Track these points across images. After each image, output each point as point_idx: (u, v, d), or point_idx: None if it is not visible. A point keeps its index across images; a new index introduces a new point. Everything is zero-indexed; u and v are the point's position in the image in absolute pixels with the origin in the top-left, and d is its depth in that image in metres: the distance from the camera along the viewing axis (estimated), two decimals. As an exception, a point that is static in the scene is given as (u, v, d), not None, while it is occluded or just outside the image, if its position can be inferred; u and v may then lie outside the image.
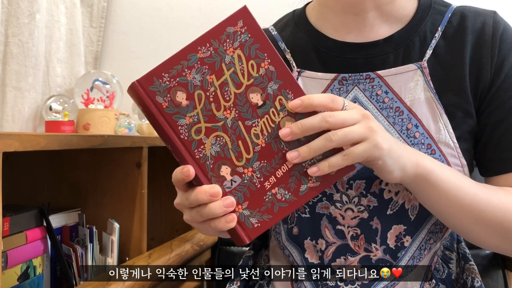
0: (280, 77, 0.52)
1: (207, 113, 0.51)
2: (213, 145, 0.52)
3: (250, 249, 0.82)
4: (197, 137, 0.51)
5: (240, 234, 0.52)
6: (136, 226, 1.07)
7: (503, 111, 0.65)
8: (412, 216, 0.65)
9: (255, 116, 0.52)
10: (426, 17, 0.69)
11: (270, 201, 0.52)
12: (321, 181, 0.53)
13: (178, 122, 0.51)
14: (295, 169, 0.52)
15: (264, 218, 0.52)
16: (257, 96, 0.52)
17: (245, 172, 0.52)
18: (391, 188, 0.64)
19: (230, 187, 0.52)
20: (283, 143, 0.52)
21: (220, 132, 0.52)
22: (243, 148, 0.52)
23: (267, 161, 0.52)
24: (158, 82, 0.51)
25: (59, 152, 1.11)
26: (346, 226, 0.66)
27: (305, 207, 0.68)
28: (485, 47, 0.65)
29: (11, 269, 0.86)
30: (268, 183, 0.52)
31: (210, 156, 0.52)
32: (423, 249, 0.67)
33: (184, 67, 0.51)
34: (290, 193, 0.52)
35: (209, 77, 0.51)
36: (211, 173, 0.52)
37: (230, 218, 0.51)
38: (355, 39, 0.69)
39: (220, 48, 0.52)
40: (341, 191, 0.65)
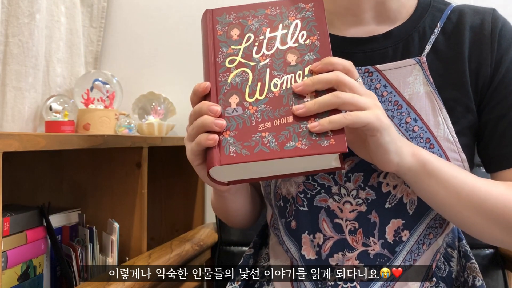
0: (320, 52, 0.58)
1: (247, 52, 0.59)
2: (237, 76, 0.58)
3: (251, 248, 0.82)
4: (229, 65, 0.58)
5: (214, 155, 0.54)
6: (136, 226, 1.07)
7: (504, 106, 0.65)
8: (410, 210, 0.66)
9: (283, 70, 0.58)
10: (425, 14, 0.69)
11: (255, 141, 0.54)
12: (309, 147, 0.54)
13: (221, 49, 0.59)
14: (292, 126, 0.55)
15: (242, 152, 0.54)
16: (293, 57, 0.58)
17: (249, 108, 0.56)
18: (389, 181, 0.64)
19: (230, 114, 0.56)
20: (293, 101, 0.56)
21: (248, 69, 0.58)
22: (259, 88, 0.57)
23: (273, 108, 0.56)
24: (225, 15, 0.60)
25: (59, 152, 1.11)
26: (344, 220, 0.66)
27: (304, 200, 0.68)
28: (484, 43, 0.66)
29: (11, 269, 0.86)
30: (263, 126, 0.55)
31: (229, 84, 0.57)
32: (422, 243, 0.68)
33: (251, 15, 0.60)
34: (276, 142, 0.54)
35: (265, 28, 0.60)
36: (222, 96, 0.57)
37: (212, 136, 0.54)
38: (354, 34, 0.70)
39: (285, 13, 0.60)
40: (340, 184, 0.66)
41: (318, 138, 0.54)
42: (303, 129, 0.54)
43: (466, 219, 0.62)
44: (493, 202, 0.60)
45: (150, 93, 1.40)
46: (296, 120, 0.54)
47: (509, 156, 0.65)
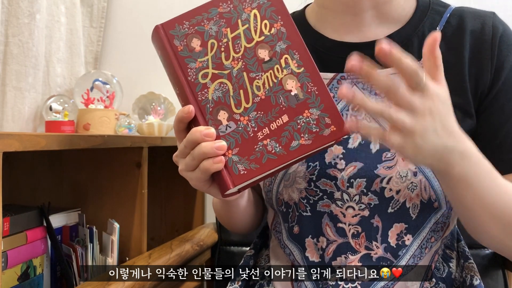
0: (289, 38, 0.56)
1: (216, 60, 0.55)
2: (216, 90, 0.55)
3: (251, 249, 0.82)
4: (203, 81, 0.55)
5: (225, 178, 0.53)
6: (136, 226, 1.07)
7: (502, 114, 0.65)
8: (413, 214, 0.65)
9: (259, 70, 0.55)
10: (424, 18, 0.69)
11: (260, 151, 0.53)
12: (313, 140, 0.54)
13: (189, 65, 0.55)
14: (290, 124, 0.54)
15: (252, 167, 0.53)
16: (265, 52, 0.55)
17: (241, 119, 0.54)
18: (392, 186, 0.64)
19: (225, 131, 0.54)
20: (282, 98, 0.55)
21: (224, 80, 0.55)
22: (243, 97, 0.55)
23: (264, 112, 0.54)
24: (178, 28, 0.55)
25: (59, 152, 1.11)
26: (347, 224, 0.66)
27: (306, 205, 0.68)
28: (484, 48, 0.65)
29: (11, 269, 0.86)
30: (261, 133, 0.54)
31: (211, 100, 0.54)
32: (424, 247, 0.68)
33: (204, 18, 0.56)
34: (280, 147, 0.54)
35: (225, 29, 0.56)
36: (209, 116, 0.54)
37: (218, 159, 0.52)
38: (354, 39, 0.70)
39: (239, 6, 0.56)
40: (342, 190, 0.65)
41: (319, 129, 0.54)
42: (302, 124, 0.54)
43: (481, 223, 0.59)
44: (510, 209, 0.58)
45: (150, 93, 1.40)
46: (292, 117, 0.54)
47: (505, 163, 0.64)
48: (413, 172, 0.63)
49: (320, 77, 0.55)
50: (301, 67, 0.55)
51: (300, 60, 0.55)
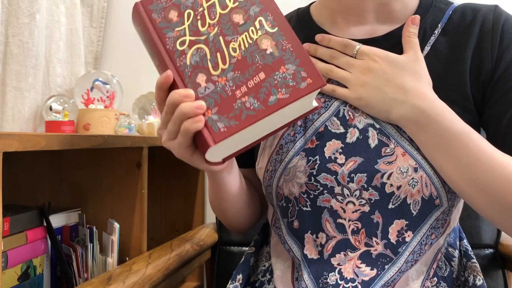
0: (262, 2, 0.58)
1: (193, 28, 0.57)
2: (194, 55, 0.56)
3: (252, 246, 0.82)
4: (181, 48, 0.57)
5: (205, 136, 0.54)
6: (136, 226, 1.07)
7: (505, 101, 0.65)
8: (414, 211, 0.66)
9: (235, 33, 0.57)
10: (426, 15, 0.70)
11: (239, 108, 0.54)
12: (290, 93, 0.55)
13: (167, 35, 0.57)
14: (267, 80, 0.55)
15: (231, 124, 0.54)
16: (239, 16, 0.58)
17: (219, 80, 0.56)
18: (393, 182, 0.64)
19: (203, 93, 0.55)
20: (257, 57, 0.56)
21: (201, 45, 0.57)
22: (220, 59, 0.56)
23: (241, 72, 0.56)
24: (156, 2, 0.58)
25: (59, 152, 1.11)
26: (347, 220, 0.66)
27: (306, 200, 0.68)
28: (486, 40, 0.66)
29: (11, 269, 0.86)
30: (239, 92, 0.55)
31: (190, 65, 0.56)
32: (424, 244, 0.68)
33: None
34: (259, 102, 0.55)
35: None
36: (188, 80, 0.56)
37: (198, 118, 0.53)
38: (356, 35, 0.70)
39: None
40: (342, 184, 0.65)
41: (296, 82, 0.55)
42: (278, 80, 0.55)
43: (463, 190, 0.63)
44: (493, 179, 0.60)
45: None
46: (269, 74, 0.56)
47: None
48: (413, 168, 0.63)
49: (294, 34, 0.57)
50: (275, 27, 0.57)
51: (273, 20, 0.58)
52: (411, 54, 0.65)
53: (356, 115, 0.66)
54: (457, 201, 0.70)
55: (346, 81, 0.66)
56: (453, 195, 0.67)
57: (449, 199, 0.66)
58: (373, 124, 0.65)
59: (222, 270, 1.12)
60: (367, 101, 0.65)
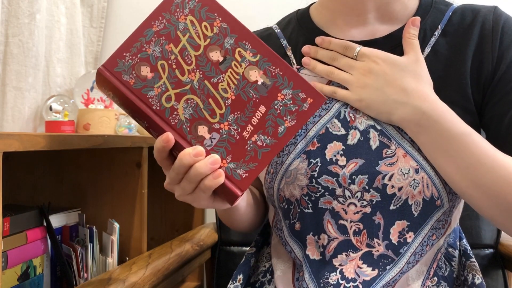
0: (234, 31, 0.55)
1: (173, 80, 0.53)
2: (186, 108, 0.53)
3: (252, 247, 0.82)
4: (169, 104, 0.53)
5: (231, 188, 0.52)
6: (136, 226, 1.07)
7: (506, 102, 0.65)
8: (415, 212, 0.65)
9: (219, 73, 0.54)
10: (426, 16, 0.69)
11: (253, 149, 0.53)
12: (297, 119, 0.54)
13: (148, 95, 0.53)
14: (269, 113, 0.54)
15: (251, 167, 0.53)
16: (217, 54, 0.54)
17: (221, 127, 0.54)
18: (394, 183, 0.64)
19: (211, 144, 0.53)
20: (251, 92, 0.54)
21: (189, 95, 0.54)
22: (214, 105, 0.54)
23: (240, 111, 0.54)
24: (121, 62, 0.53)
25: (59, 152, 1.11)
26: (348, 221, 0.66)
27: (308, 202, 0.68)
28: (486, 41, 0.66)
29: (11, 269, 0.86)
30: (246, 132, 0.54)
31: (185, 120, 0.53)
32: (425, 245, 0.68)
33: (143, 43, 0.54)
34: (270, 137, 0.54)
35: (168, 46, 0.54)
36: (190, 136, 0.53)
37: (217, 173, 0.52)
38: (356, 37, 0.70)
39: (172, 18, 0.54)
40: (344, 186, 0.65)
41: (297, 106, 0.55)
42: (280, 109, 0.54)
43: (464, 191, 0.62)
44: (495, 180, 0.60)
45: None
46: (269, 105, 0.54)
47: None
48: (414, 169, 0.63)
49: (278, 56, 0.55)
50: (257, 54, 0.55)
51: (253, 48, 0.55)
52: (411, 55, 0.65)
53: (357, 116, 0.66)
54: (458, 201, 0.70)
55: (347, 82, 0.66)
56: (454, 196, 0.67)
57: (450, 200, 0.66)
58: (374, 125, 0.65)
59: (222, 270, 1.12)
60: (368, 102, 0.65)
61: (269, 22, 0.82)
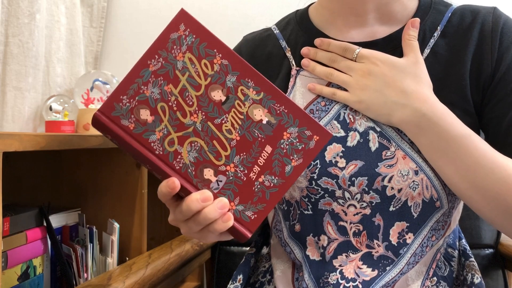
0: (235, 68, 0.53)
1: (174, 122, 0.51)
2: (190, 152, 0.52)
3: (252, 247, 0.82)
4: (172, 148, 0.51)
5: (240, 230, 0.52)
6: (136, 226, 1.07)
7: (505, 104, 0.64)
8: (415, 213, 0.66)
9: (222, 113, 0.52)
10: (425, 17, 0.69)
11: (260, 190, 0.53)
12: (303, 157, 0.54)
13: (150, 139, 0.51)
14: (275, 152, 0.53)
15: (259, 208, 0.52)
16: (219, 93, 0.52)
17: (228, 169, 0.52)
18: (394, 185, 0.64)
19: (218, 187, 0.52)
20: (256, 131, 0.53)
21: (192, 138, 0.52)
22: (219, 147, 0.52)
23: (246, 152, 0.53)
24: (118, 106, 0.51)
25: (59, 152, 1.11)
26: (348, 222, 0.66)
27: (308, 204, 0.68)
28: (485, 42, 0.65)
29: (11, 269, 0.86)
30: (253, 173, 0.53)
31: (190, 164, 0.52)
32: (425, 246, 0.68)
33: (140, 85, 0.51)
34: (277, 177, 0.53)
35: (167, 87, 0.51)
36: (196, 180, 0.52)
37: (226, 217, 0.51)
38: (355, 38, 0.70)
39: (170, 56, 0.52)
40: (343, 188, 0.65)
41: (304, 144, 0.53)
42: (287, 148, 0.53)
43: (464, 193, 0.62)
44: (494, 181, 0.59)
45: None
46: (274, 145, 0.53)
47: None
48: (414, 171, 0.63)
49: (283, 93, 0.54)
50: (260, 92, 0.53)
51: (256, 85, 0.53)
52: (411, 57, 0.64)
53: (356, 118, 0.66)
54: (457, 202, 0.70)
55: (347, 84, 0.66)
56: (453, 197, 0.67)
57: (449, 201, 0.66)
58: (374, 127, 0.65)
59: (222, 270, 1.12)
60: (368, 104, 0.64)
61: (269, 22, 0.81)
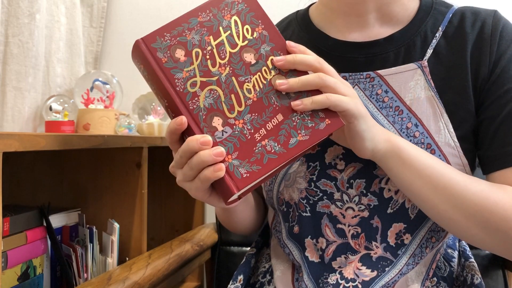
0: (272, 40, 0.56)
1: (203, 68, 0.54)
2: (207, 97, 0.54)
3: (253, 247, 0.82)
4: (192, 89, 0.54)
5: (228, 184, 0.52)
6: (136, 226, 1.07)
7: (497, 106, 0.64)
8: (412, 214, 0.66)
9: (248, 73, 0.55)
10: (427, 18, 0.69)
11: (260, 152, 0.53)
12: (310, 135, 0.54)
13: (175, 76, 0.54)
14: (285, 122, 0.54)
15: (253, 169, 0.52)
16: (251, 56, 0.56)
17: (236, 123, 0.54)
18: (391, 187, 0.64)
19: (221, 137, 0.53)
20: (273, 98, 0.55)
21: (214, 86, 0.54)
22: (235, 101, 0.54)
23: (258, 114, 0.54)
24: (160, 40, 0.54)
25: (59, 152, 1.11)
26: (346, 225, 0.66)
27: (306, 206, 0.68)
28: (484, 45, 0.66)
29: (11, 269, 0.86)
30: (259, 134, 0.54)
31: (204, 108, 0.54)
32: (425, 247, 0.68)
33: (185, 29, 0.55)
34: (279, 145, 0.53)
35: (207, 37, 0.55)
36: (203, 124, 0.53)
37: (218, 167, 0.51)
38: (357, 39, 0.70)
39: (219, 14, 0.56)
40: (342, 190, 0.65)
41: (314, 123, 0.54)
42: (297, 121, 0.54)
43: (443, 213, 0.60)
44: (471, 198, 0.59)
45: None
46: (287, 115, 0.54)
47: (500, 157, 0.63)
48: None
49: (308, 73, 0.56)
50: None
51: None
52: None
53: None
54: None
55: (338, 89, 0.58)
56: None
57: None
58: None
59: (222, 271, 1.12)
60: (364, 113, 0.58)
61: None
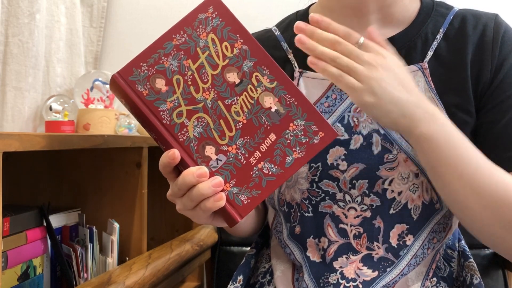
0: (254, 55, 0.54)
1: (186, 96, 0.53)
2: (196, 126, 0.53)
3: (252, 248, 0.82)
4: (179, 120, 0.53)
5: (231, 213, 0.52)
6: (136, 226, 1.06)
7: (499, 111, 0.64)
8: (414, 215, 0.66)
9: (233, 95, 0.53)
10: (428, 20, 0.69)
11: (258, 176, 0.52)
12: (306, 151, 0.53)
13: (160, 108, 0.52)
14: (279, 141, 0.53)
15: (253, 194, 0.52)
16: (234, 75, 0.54)
17: (229, 150, 0.53)
18: (394, 188, 0.64)
19: (216, 166, 0.52)
20: (264, 118, 0.53)
21: (201, 114, 0.53)
22: (225, 126, 0.53)
23: (250, 136, 0.53)
24: (137, 71, 0.52)
25: (59, 152, 1.11)
26: (349, 225, 0.66)
27: (308, 206, 0.68)
28: (486, 49, 0.65)
29: (11, 269, 0.86)
30: (254, 158, 0.53)
31: (194, 138, 0.52)
32: (426, 248, 0.68)
33: (161, 55, 0.53)
34: (276, 166, 0.53)
35: (186, 62, 0.53)
36: (196, 155, 0.52)
37: (218, 196, 0.51)
38: None
39: (194, 34, 0.54)
40: (344, 191, 0.65)
41: (308, 138, 0.53)
42: (291, 139, 0.53)
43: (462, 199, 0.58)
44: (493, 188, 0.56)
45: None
46: (279, 134, 0.53)
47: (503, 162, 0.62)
48: (414, 174, 0.63)
49: (295, 86, 0.54)
50: (274, 81, 0.54)
51: (270, 74, 0.54)
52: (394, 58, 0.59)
53: (360, 120, 0.65)
54: None
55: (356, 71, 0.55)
56: None
57: None
58: (378, 129, 0.65)
59: (222, 270, 1.12)
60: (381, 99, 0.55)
61: (269, 23, 0.81)
